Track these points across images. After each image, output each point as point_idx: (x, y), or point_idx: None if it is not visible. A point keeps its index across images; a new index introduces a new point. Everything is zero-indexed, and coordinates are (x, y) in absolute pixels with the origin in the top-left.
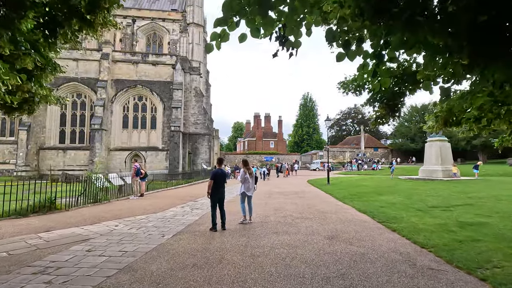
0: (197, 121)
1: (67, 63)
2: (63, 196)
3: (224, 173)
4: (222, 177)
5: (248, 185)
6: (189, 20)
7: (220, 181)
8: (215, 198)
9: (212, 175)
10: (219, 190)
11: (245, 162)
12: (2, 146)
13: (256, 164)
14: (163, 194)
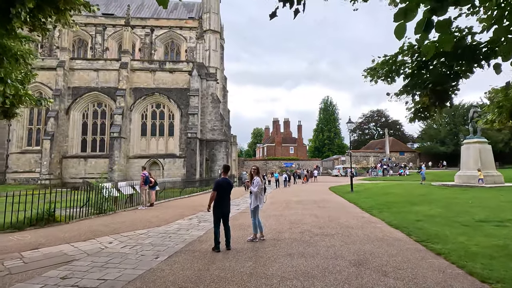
0: (214, 127)
1: (88, 73)
2: (68, 206)
3: (230, 183)
4: (227, 188)
5: (261, 197)
6: (205, 27)
7: (224, 193)
8: (219, 213)
9: (216, 186)
10: (224, 203)
11: (258, 169)
12: (29, 155)
13: (276, 170)
14: (175, 203)
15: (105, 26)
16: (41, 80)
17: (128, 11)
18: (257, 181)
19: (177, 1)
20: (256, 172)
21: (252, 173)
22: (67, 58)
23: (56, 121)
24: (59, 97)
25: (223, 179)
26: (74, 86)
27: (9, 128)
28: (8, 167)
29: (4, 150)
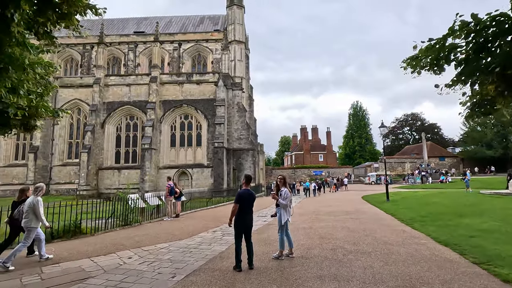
0: (241, 136)
1: (121, 89)
2: (98, 217)
3: (252, 195)
4: (250, 200)
5: (289, 209)
6: (230, 38)
7: (247, 206)
8: (241, 227)
9: (237, 198)
10: (246, 217)
11: (285, 179)
12: (69, 167)
13: (305, 178)
14: (201, 214)
15: (136, 43)
16: (80, 96)
17: (157, 28)
18: (286, 193)
19: (203, 16)
20: (283, 182)
21: (279, 183)
22: (102, 75)
23: (93, 135)
24: (95, 112)
25: (245, 190)
26: (108, 101)
27: (52, 142)
28: (51, 178)
29: (48, 163)
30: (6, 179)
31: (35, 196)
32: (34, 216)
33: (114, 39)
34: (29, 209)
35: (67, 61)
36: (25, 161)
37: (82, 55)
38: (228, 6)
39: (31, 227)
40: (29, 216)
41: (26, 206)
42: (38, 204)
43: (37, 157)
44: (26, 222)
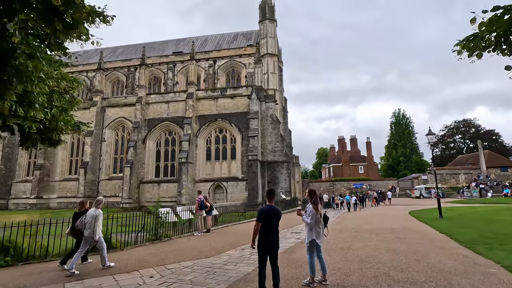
0: (275, 149)
1: (160, 106)
2: (131, 231)
3: (277, 212)
4: (275, 218)
5: (318, 230)
6: (263, 51)
7: (271, 224)
8: (265, 250)
9: (260, 215)
10: (271, 238)
11: (312, 193)
12: (114, 181)
13: (344, 192)
14: (232, 229)
15: (174, 63)
16: (124, 115)
17: (193, 47)
18: (310, 210)
19: (237, 33)
20: (311, 196)
21: (306, 198)
22: (144, 94)
23: (135, 150)
24: (137, 129)
25: (268, 207)
26: (149, 118)
27: (100, 158)
28: (98, 192)
29: (96, 177)
30: (62, 192)
31: (96, 209)
32: (93, 227)
33: (155, 60)
34: (92, 220)
35: (114, 83)
36: (77, 176)
37: (127, 77)
38: (260, 21)
39: (91, 237)
40: (91, 227)
41: (89, 217)
42: (99, 216)
43: (86, 172)
44: (88, 232)
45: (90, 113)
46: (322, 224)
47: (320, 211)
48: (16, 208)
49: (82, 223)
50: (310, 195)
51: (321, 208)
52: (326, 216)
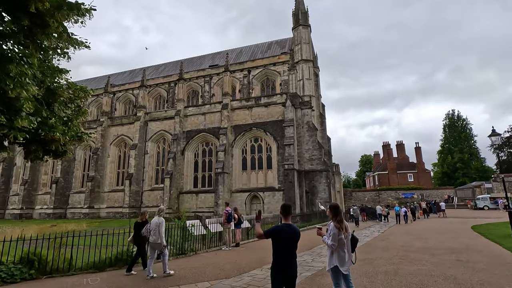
0: (312, 157)
1: (197, 118)
2: None
3: (295, 231)
4: (292, 240)
5: (343, 254)
6: (297, 58)
7: (288, 247)
8: (279, 279)
9: (272, 233)
10: (287, 262)
11: (335, 208)
12: (156, 192)
13: (392, 202)
14: (263, 243)
15: (211, 76)
16: (164, 128)
17: (227, 59)
18: (331, 229)
19: (270, 42)
20: (334, 212)
21: (328, 214)
22: (182, 107)
23: (174, 161)
24: (176, 141)
25: (285, 226)
26: (187, 130)
27: (143, 170)
28: (142, 202)
29: (139, 188)
30: (110, 202)
31: (159, 217)
32: (158, 233)
33: (192, 74)
34: (156, 228)
35: (156, 98)
36: (123, 187)
37: (167, 92)
38: (293, 28)
39: (157, 244)
40: (156, 234)
41: (154, 225)
42: (162, 223)
43: (131, 183)
44: (154, 239)
45: (134, 128)
46: (348, 247)
47: (344, 231)
48: (73, 217)
49: (148, 230)
50: (332, 210)
51: (347, 227)
52: (354, 238)
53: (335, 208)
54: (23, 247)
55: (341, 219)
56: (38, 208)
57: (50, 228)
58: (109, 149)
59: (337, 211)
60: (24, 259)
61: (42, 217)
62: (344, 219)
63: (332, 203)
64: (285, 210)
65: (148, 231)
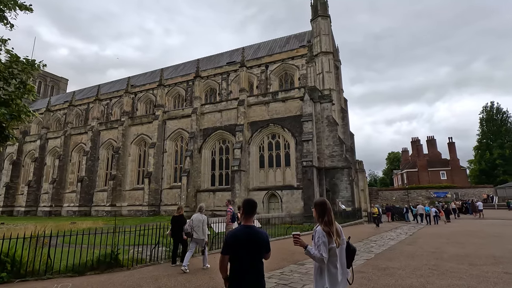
0: (333, 153)
1: (214, 115)
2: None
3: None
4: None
5: (334, 271)
6: (316, 50)
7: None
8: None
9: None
10: (246, 278)
11: (320, 205)
12: (174, 190)
13: (423, 202)
14: (275, 245)
15: (228, 73)
16: (182, 126)
17: (243, 54)
18: (318, 235)
19: (289, 36)
20: (320, 210)
21: (314, 215)
22: (199, 105)
23: (191, 159)
24: (193, 139)
25: (242, 228)
26: (204, 128)
27: (162, 168)
28: (161, 200)
29: (159, 186)
30: (131, 200)
31: (201, 214)
32: (202, 230)
33: (210, 72)
34: (200, 224)
35: (175, 97)
36: (142, 185)
37: (186, 90)
38: (312, 20)
39: (201, 240)
40: (199, 231)
41: (197, 222)
42: (205, 220)
43: (150, 181)
44: (198, 236)
45: (153, 126)
46: (341, 261)
47: (335, 237)
48: (97, 215)
49: (191, 226)
50: (317, 209)
51: (339, 232)
52: (350, 247)
53: (321, 205)
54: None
55: (330, 220)
56: (66, 206)
57: (69, 225)
58: (130, 148)
59: (323, 208)
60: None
61: (69, 214)
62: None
63: (318, 199)
64: (247, 207)
65: (191, 227)
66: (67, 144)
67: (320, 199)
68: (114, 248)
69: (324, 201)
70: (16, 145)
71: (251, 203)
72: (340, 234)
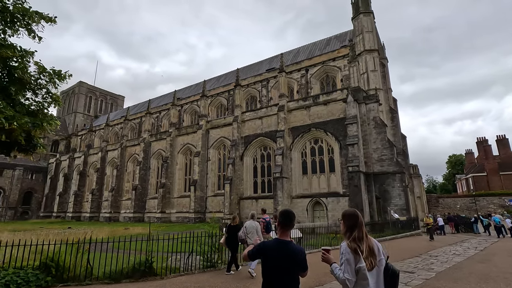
0: (382, 157)
1: (254, 122)
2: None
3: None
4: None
5: None
6: (359, 49)
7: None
8: None
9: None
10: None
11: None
12: (218, 198)
13: (495, 210)
14: (318, 257)
15: (268, 79)
16: (223, 134)
17: (281, 60)
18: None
19: (329, 37)
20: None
21: (342, 228)
22: (239, 113)
23: (233, 167)
24: (235, 146)
25: (274, 242)
26: (245, 135)
27: (206, 176)
28: (206, 207)
29: (204, 194)
30: (179, 207)
31: (253, 220)
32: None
33: (250, 80)
34: (253, 231)
35: (218, 107)
36: (189, 193)
37: (227, 100)
38: (353, 18)
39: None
40: (253, 236)
41: (251, 229)
42: (258, 227)
43: (196, 189)
44: (251, 241)
45: (197, 136)
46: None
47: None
48: (149, 221)
49: (245, 234)
50: (346, 221)
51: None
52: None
53: (351, 217)
54: (48, 252)
55: (361, 237)
56: (123, 212)
57: (123, 230)
58: (177, 158)
59: (353, 221)
60: (43, 264)
61: (125, 220)
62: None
63: (347, 210)
64: (283, 218)
65: (245, 234)
66: (123, 155)
67: (350, 210)
68: (148, 256)
69: (355, 212)
70: (82, 157)
71: (288, 214)
72: (377, 254)
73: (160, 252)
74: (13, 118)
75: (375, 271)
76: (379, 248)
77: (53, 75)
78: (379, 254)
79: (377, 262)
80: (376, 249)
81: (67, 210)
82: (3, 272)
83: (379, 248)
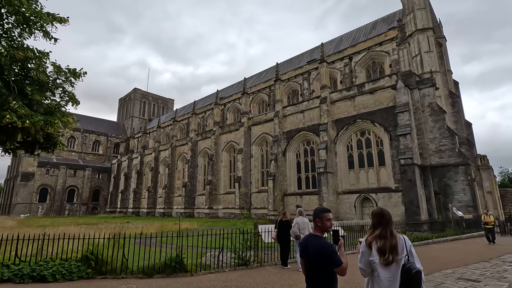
0: (441, 147)
1: (296, 117)
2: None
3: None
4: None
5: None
6: (410, 29)
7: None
8: None
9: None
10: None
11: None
12: (262, 194)
13: None
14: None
15: (309, 72)
16: (265, 130)
17: (322, 49)
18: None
19: (375, 21)
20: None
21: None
22: (280, 108)
23: (276, 163)
24: (277, 142)
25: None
26: (287, 130)
27: (250, 173)
28: (251, 204)
29: (248, 190)
30: (225, 203)
31: (303, 217)
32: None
33: (290, 74)
34: (305, 227)
35: (259, 104)
36: (234, 190)
37: (268, 96)
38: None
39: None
40: (304, 232)
41: (302, 224)
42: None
43: (240, 185)
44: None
45: (239, 133)
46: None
47: (383, 251)
48: (198, 216)
49: (298, 229)
50: (373, 218)
51: (393, 247)
52: (410, 271)
53: (375, 216)
54: (89, 245)
55: (384, 235)
56: (175, 208)
57: (173, 225)
58: (222, 155)
59: (377, 220)
60: (84, 257)
61: (177, 215)
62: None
63: (374, 209)
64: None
65: (298, 229)
66: (173, 154)
67: (377, 209)
68: (179, 252)
69: (381, 211)
70: (139, 158)
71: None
72: (400, 251)
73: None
74: (26, 116)
75: (394, 266)
76: (405, 246)
77: (68, 73)
78: (403, 252)
79: (397, 259)
80: (400, 247)
81: (128, 206)
82: (51, 263)
83: (405, 246)
